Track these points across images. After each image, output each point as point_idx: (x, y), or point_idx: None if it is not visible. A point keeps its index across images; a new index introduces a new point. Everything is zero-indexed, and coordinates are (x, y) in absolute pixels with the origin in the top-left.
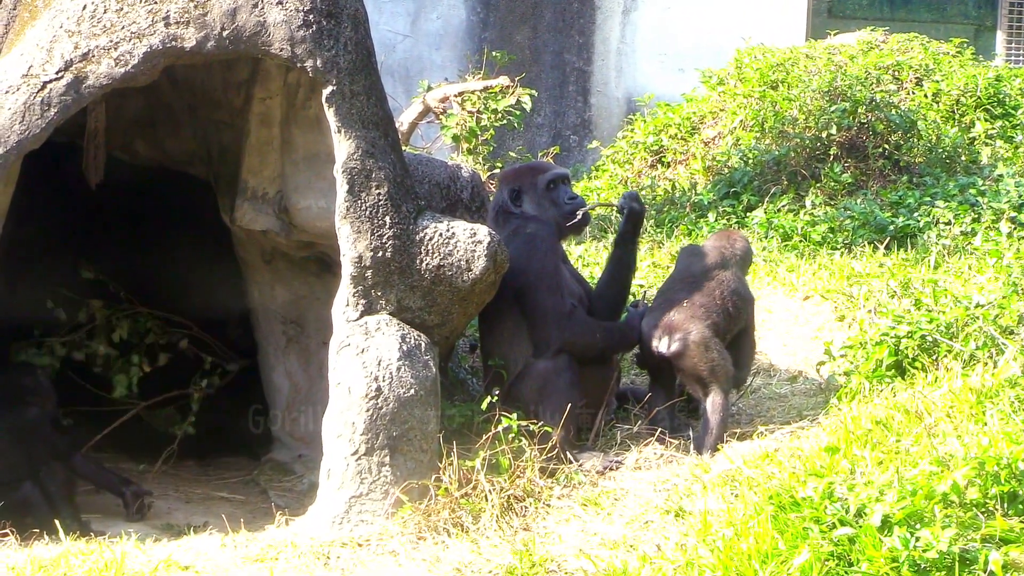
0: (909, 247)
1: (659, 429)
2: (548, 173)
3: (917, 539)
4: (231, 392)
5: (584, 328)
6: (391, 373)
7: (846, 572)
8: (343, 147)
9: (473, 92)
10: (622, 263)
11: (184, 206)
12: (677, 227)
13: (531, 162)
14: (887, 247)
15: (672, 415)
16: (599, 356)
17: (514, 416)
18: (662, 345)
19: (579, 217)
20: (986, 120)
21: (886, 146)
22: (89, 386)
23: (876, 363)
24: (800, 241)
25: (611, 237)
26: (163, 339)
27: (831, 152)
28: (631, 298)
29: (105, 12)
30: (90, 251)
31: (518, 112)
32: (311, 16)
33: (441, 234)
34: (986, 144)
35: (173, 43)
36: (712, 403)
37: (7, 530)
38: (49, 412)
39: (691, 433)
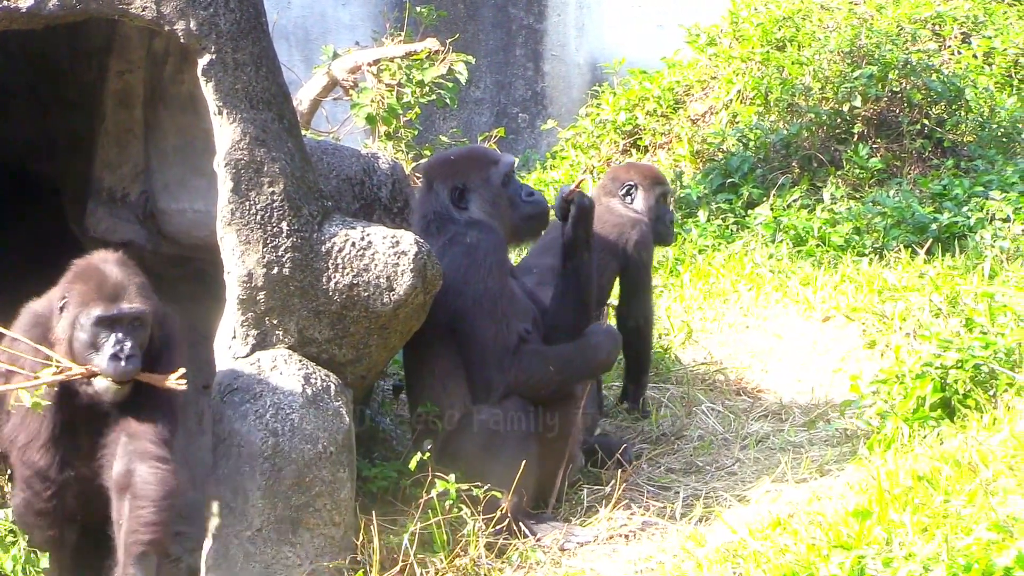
0: (957, 251)
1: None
2: (502, 164)
3: None
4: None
5: (534, 363)
6: (292, 424)
7: None
8: (226, 133)
9: (392, 59)
10: (578, 277)
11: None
12: None
13: (467, 149)
14: (928, 251)
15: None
16: (557, 393)
17: (452, 478)
18: None
19: (541, 220)
20: None
21: (925, 122)
22: None
23: (917, 401)
24: (817, 245)
25: None
26: None
27: (855, 131)
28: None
29: None
30: None
31: (451, 84)
32: None
33: (354, 243)
34: None
35: (4, 2)
36: None
37: None
38: None
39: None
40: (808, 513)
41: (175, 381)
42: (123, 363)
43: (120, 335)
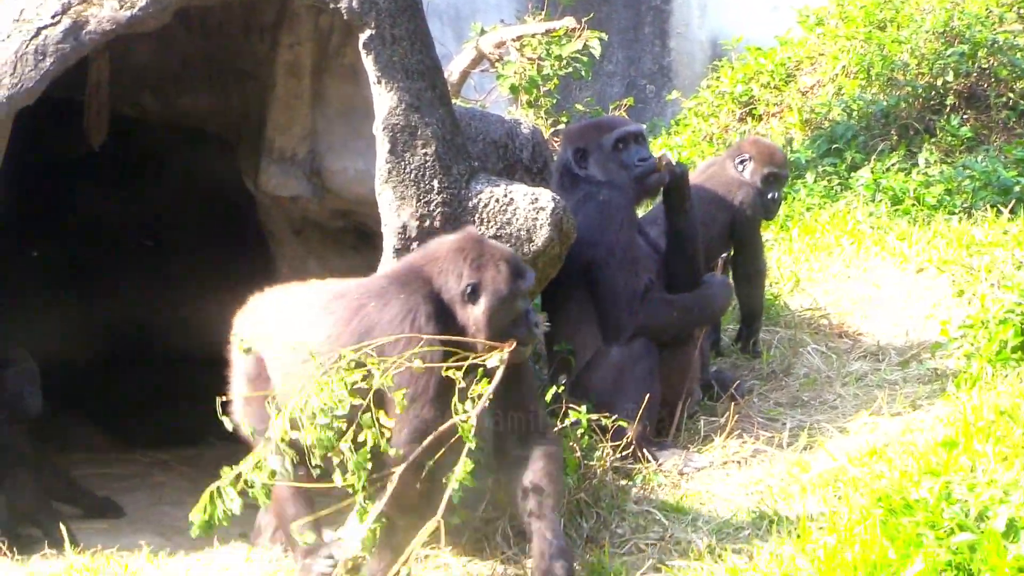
0: None
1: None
2: (616, 131)
3: None
4: None
5: (659, 309)
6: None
7: None
8: (384, 100)
9: (533, 36)
10: (682, 235)
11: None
12: None
13: (600, 118)
14: (1012, 211)
15: None
16: (679, 335)
17: (583, 409)
18: None
19: (651, 180)
20: None
21: (1010, 95)
22: None
23: (1000, 344)
24: (912, 205)
25: None
26: None
27: (947, 102)
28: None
29: None
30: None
31: (585, 58)
32: None
33: (498, 200)
34: None
35: None
36: None
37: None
38: (20, 416)
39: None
40: (902, 443)
41: None
42: (539, 327)
43: (529, 302)
